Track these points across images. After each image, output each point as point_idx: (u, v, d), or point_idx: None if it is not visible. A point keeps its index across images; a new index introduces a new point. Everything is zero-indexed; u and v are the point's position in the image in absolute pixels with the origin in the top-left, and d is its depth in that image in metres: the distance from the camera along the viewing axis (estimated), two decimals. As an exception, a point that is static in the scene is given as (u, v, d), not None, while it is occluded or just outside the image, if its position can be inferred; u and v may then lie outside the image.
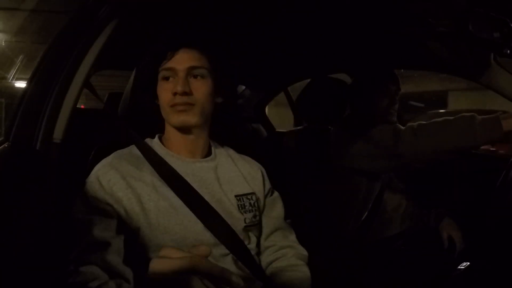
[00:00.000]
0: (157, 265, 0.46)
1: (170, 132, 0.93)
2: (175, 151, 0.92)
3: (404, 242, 1.56)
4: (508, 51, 0.82)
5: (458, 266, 1.21)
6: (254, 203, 0.95)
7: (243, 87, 2.48)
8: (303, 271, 0.94)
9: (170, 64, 0.88)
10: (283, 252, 0.97)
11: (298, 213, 1.12)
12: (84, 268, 0.74)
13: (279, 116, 3.53)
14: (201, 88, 0.89)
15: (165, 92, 0.88)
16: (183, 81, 0.86)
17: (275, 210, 1.03)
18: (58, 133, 0.81)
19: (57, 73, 0.82)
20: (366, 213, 1.49)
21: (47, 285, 0.75)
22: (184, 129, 0.91)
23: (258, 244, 0.99)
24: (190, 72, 0.88)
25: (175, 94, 0.86)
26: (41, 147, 0.78)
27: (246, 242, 0.91)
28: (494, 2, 0.82)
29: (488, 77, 1.35)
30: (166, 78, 0.89)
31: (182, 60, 0.88)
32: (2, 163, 0.76)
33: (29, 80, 0.83)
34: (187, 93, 0.86)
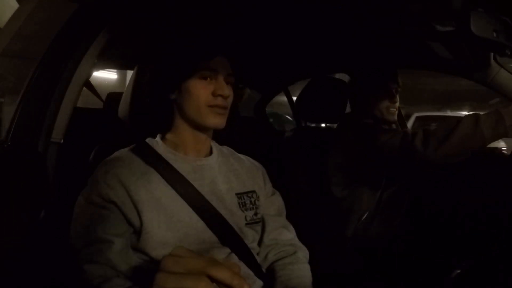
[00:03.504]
0: (168, 262, 0.46)
1: (182, 131, 0.93)
2: (180, 150, 0.92)
3: (405, 241, 1.57)
4: (508, 51, 0.82)
5: (458, 266, 1.21)
6: (254, 201, 0.96)
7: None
8: (305, 269, 0.95)
9: (213, 65, 0.89)
10: (285, 250, 0.98)
11: (298, 212, 1.12)
12: (88, 266, 0.75)
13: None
14: (232, 95, 0.92)
15: (204, 91, 0.88)
16: (225, 85, 0.89)
17: (276, 209, 1.03)
18: (58, 133, 0.81)
19: (57, 73, 0.82)
20: (367, 213, 1.49)
21: (50, 283, 0.75)
22: (203, 130, 0.92)
23: (259, 243, 0.99)
24: (227, 78, 0.91)
25: (217, 95, 0.87)
26: (41, 147, 0.78)
27: (247, 240, 0.91)
28: (494, 2, 0.82)
29: (488, 77, 1.35)
30: (205, 78, 0.89)
31: (223, 65, 0.90)
32: (2, 163, 0.76)
33: (29, 80, 0.83)
34: (227, 99, 0.89)
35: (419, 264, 1.38)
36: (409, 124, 6.98)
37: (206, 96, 0.87)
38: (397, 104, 1.56)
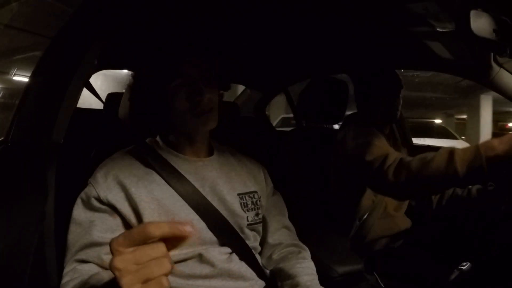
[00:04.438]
0: (120, 269, 0.45)
1: (177, 135, 0.92)
2: (180, 151, 0.92)
3: (405, 241, 1.57)
4: (508, 51, 0.82)
5: (459, 266, 1.21)
6: (256, 201, 0.95)
7: (243, 87, 2.49)
8: (313, 268, 0.95)
9: (185, 69, 0.85)
10: (289, 250, 0.98)
11: (298, 212, 1.12)
12: (82, 266, 0.75)
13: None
14: (216, 92, 0.89)
15: (181, 99, 0.84)
16: (204, 88, 0.84)
17: (278, 209, 1.03)
18: (58, 133, 0.80)
19: (57, 73, 0.82)
20: (367, 213, 1.49)
21: (50, 283, 0.75)
22: (195, 134, 0.91)
23: (262, 243, 0.99)
24: (205, 77, 0.86)
25: (198, 102, 0.84)
26: (41, 147, 0.78)
27: (248, 241, 0.91)
28: (494, 2, 0.82)
29: (488, 77, 1.35)
30: (181, 84, 0.84)
31: (197, 65, 0.86)
32: (2, 163, 0.76)
33: (29, 80, 0.83)
34: (210, 99, 0.85)
35: (419, 264, 1.38)
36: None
37: (184, 103, 0.84)
38: (400, 105, 1.55)
